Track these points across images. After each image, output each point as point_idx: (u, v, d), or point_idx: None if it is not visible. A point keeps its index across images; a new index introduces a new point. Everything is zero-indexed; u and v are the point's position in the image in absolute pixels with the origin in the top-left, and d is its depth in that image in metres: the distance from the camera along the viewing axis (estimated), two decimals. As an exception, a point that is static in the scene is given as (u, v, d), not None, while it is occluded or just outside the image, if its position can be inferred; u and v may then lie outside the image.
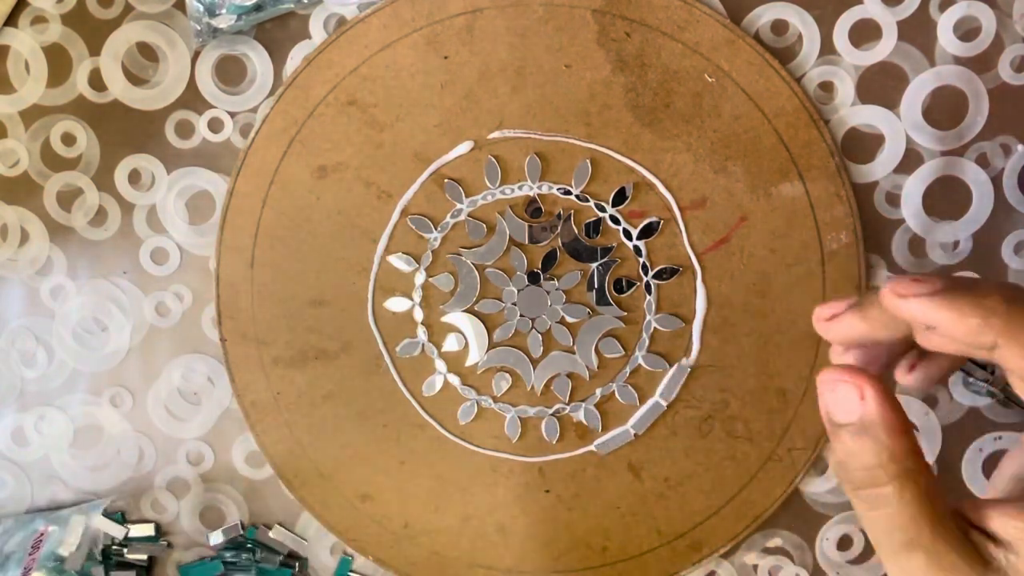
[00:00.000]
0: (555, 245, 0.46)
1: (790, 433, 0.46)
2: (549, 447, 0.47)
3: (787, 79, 0.44)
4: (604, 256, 0.46)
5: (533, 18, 0.45)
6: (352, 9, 0.46)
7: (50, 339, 0.49)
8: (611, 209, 0.45)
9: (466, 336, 0.46)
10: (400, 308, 0.47)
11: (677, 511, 0.46)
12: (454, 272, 0.46)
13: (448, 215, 0.46)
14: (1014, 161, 0.45)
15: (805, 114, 0.44)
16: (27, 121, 0.48)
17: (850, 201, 0.45)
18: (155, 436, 0.50)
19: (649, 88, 0.45)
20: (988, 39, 0.44)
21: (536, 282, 0.46)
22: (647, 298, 0.46)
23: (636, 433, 0.46)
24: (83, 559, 0.48)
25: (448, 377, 0.47)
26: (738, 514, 0.46)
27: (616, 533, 0.47)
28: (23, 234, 0.49)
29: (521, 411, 0.47)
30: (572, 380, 0.46)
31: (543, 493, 0.47)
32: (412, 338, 0.47)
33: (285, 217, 0.46)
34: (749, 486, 0.46)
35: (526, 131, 0.45)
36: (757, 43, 0.44)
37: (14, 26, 0.48)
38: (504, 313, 0.46)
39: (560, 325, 0.46)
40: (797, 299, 0.45)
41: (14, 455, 0.50)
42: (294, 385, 0.47)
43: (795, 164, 0.44)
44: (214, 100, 0.48)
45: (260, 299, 0.47)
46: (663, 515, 0.46)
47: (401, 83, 0.45)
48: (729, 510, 0.46)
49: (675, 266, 0.45)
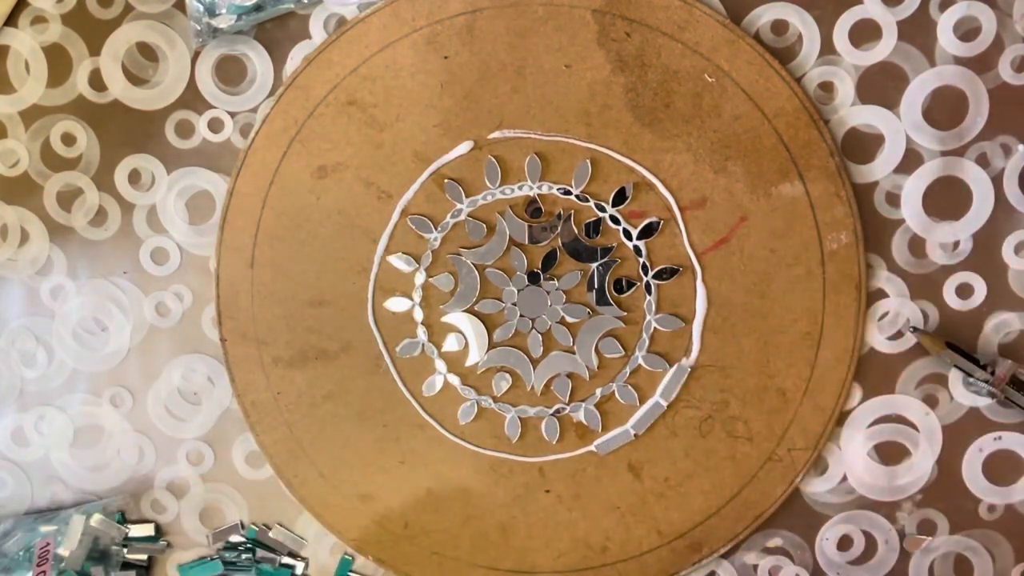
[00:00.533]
0: (555, 245, 0.46)
1: (790, 433, 0.46)
2: (549, 447, 0.47)
3: (787, 79, 0.44)
4: (604, 256, 0.46)
5: (533, 18, 0.45)
6: (352, 9, 0.46)
7: (50, 339, 0.49)
8: (611, 209, 0.45)
9: (466, 336, 0.46)
10: (400, 308, 0.47)
11: (677, 511, 0.46)
12: (454, 272, 0.46)
13: (448, 215, 0.46)
14: (1014, 161, 0.45)
15: (805, 114, 0.44)
16: (27, 121, 0.48)
17: (850, 201, 0.45)
18: (155, 436, 0.50)
19: (649, 88, 0.45)
20: (988, 39, 0.44)
21: (536, 282, 0.46)
22: (647, 298, 0.46)
23: (636, 433, 0.46)
24: (83, 559, 0.48)
25: (448, 377, 0.47)
26: (738, 514, 0.46)
27: (616, 533, 0.47)
28: (23, 234, 0.49)
29: (521, 411, 0.46)
30: (572, 380, 0.46)
31: (543, 493, 0.47)
32: (412, 338, 0.47)
33: (285, 217, 0.46)
34: (749, 486, 0.46)
35: (526, 131, 0.45)
36: (757, 43, 0.44)
37: (14, 26, 0.48)
38: (504, 313, 0.46)
39: (560, 325, 0.46)
40: (797, 299, 0.45)
41: (14, 455, 0.50)
42: (294, 385, 0.47)
43: (795, 164, 0.44)
44: (214, 100, 0.48)
45: (260, 299, 0.47)
46: (663, 515, 0.46)
47: (401, 83, 0.45)
48: (729, 510, 0.46)
49: (675, 266, 0.45)
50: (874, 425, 0.46)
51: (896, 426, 0.46)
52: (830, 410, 0.45)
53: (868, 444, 0.46)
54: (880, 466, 0.46)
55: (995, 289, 0.45)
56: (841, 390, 0.45)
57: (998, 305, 0.45)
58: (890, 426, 0.46)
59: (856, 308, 0.45)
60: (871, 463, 0.46)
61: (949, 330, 0.45)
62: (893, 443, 0.46)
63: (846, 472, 0.47)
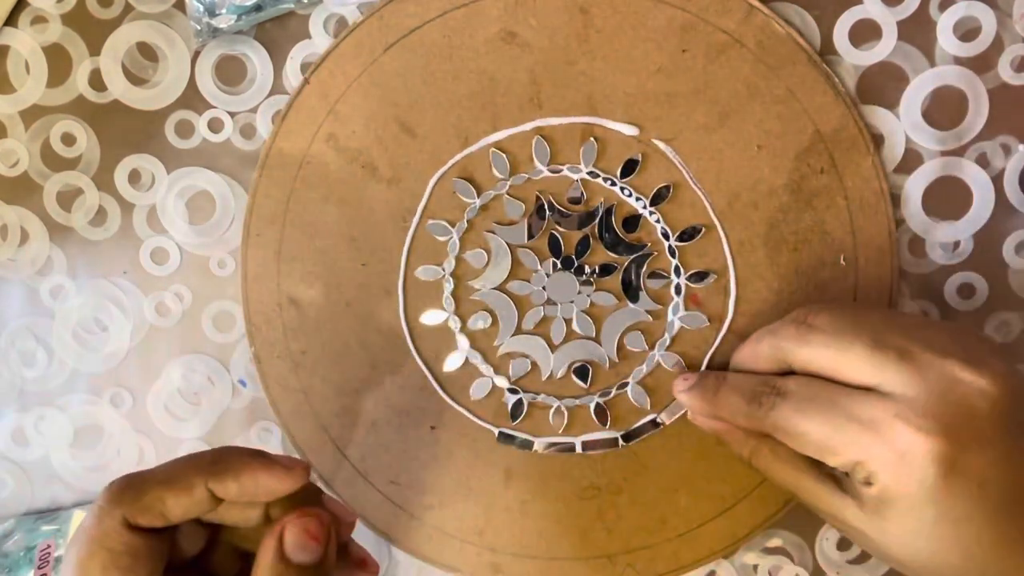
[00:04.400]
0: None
1: None
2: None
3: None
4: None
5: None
6: (352, 9, 0.46)
7: (50, 339, 0.49)
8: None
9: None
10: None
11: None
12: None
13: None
14: (1014, 161, 0.45)
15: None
16: (27, 121, 0.48)
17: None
18: (155, 436, 0.50)
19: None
20: (988, 39, 0.44)
21: (568, 267, 0.46)
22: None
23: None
24: (83, 559, 0.48)
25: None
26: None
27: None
28: (23, 234, 0.49)
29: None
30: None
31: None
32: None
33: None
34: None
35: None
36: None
37: (14, 26, 0.48)
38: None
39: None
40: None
41: (14, 455, 0.50)
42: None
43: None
44: (214, 100, 0.48)
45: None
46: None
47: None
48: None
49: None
50: (874, 425, 0.46)
51: (896, 426, 0.46)
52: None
53: (868, 444, 0.46)
54: (880, 466, 0.46)
55: (996, 289, 0.45)
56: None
57: (999, 305, 0.45)
58: (890, 426, 0.46)
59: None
60: (871, 463, 0.46)
61: (949, 330, 0.45)
62: (893, 443, 0.46)
63: (846, 472, 0.47)
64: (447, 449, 0.47)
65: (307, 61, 0.47)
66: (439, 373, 0.47)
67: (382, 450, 0.47)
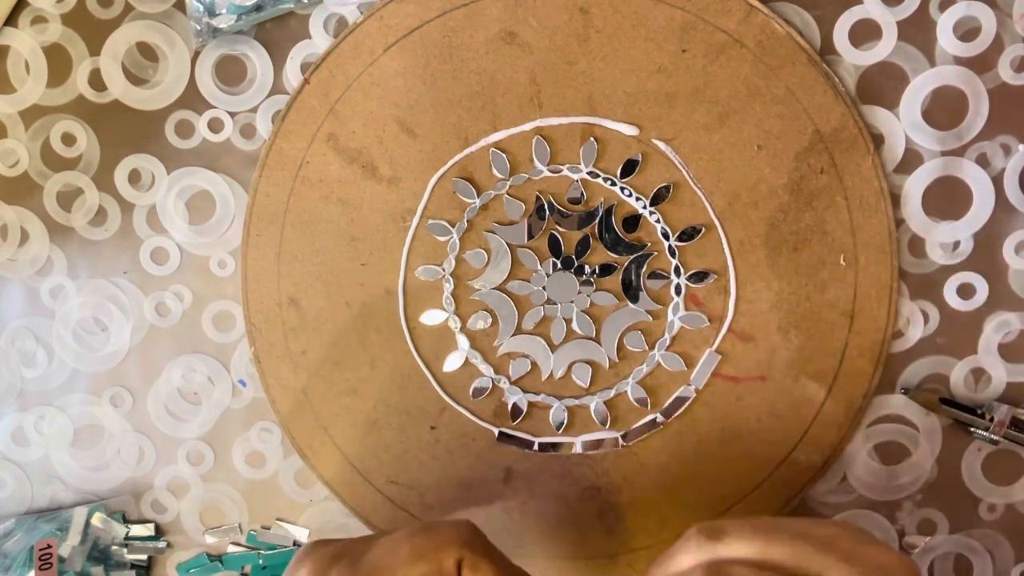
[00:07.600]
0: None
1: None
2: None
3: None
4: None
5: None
6: (352, 9, 0.46)
7: (50, 339, 0.49)
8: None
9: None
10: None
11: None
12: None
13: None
14: (1014, 161, 0.45)
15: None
16: (27, 121, 0.48)
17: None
18: (155, 436, 0.50)
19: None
20: (988, 39, 0.44)
21: (568, 267, 0.46)
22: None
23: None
24: (83, 559, 0.48)
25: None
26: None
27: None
28: (23, 234, 0.49)
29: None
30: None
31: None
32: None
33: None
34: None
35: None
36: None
37: (14, 26, 0.48)
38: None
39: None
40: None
41: (14, 455, 0.50)
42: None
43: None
44: (214, 100, 0.48)
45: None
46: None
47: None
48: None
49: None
50: (874, 425, 0.46)
51: (896, 426, 0.46)
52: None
53: (868, 444, 0.46)
54: (880, 466, 0.46)
55: (996, 289, 0.45)
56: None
57: (999, 305, 0.45)
58: (890, 426, 0.46)
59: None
60: (871, 463, 0.46)
61: (950, 330, 0.45)
62: (893, 443, 0.46)
63: (846, 472, 0.47)
64: (447, 449, 0.47)
65: (307, 61, 0.47)
66: (439, 373, 0.47)
67: (382, 450, 0.47)
